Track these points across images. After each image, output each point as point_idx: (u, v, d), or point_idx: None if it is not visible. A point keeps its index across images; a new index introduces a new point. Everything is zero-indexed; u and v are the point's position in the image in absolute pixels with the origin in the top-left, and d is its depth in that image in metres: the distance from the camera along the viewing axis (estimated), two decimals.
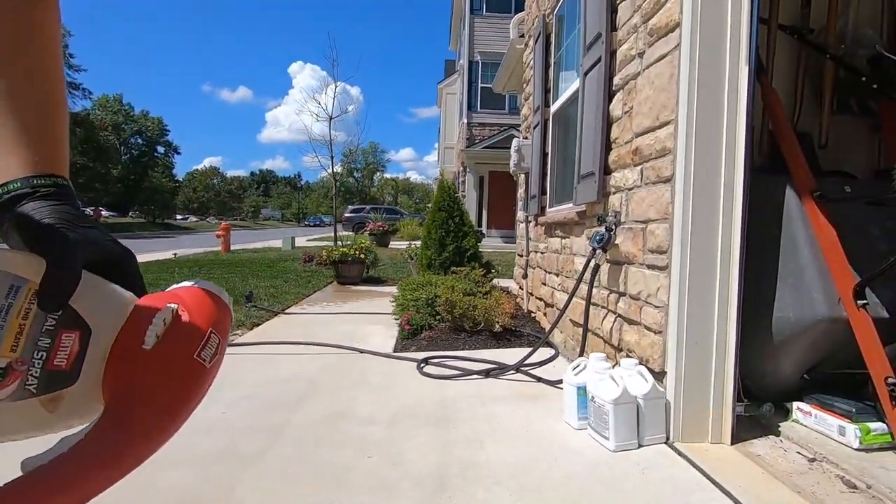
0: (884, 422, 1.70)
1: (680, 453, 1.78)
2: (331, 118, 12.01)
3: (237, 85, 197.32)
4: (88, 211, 36.49)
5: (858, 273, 1.75)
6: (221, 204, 67.48)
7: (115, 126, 46.31)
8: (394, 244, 13.93)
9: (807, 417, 1.89)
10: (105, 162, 33.49)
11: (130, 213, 50.50)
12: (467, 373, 2.69)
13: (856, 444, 1.70)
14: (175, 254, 11.24)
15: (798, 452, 1.76)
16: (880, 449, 1.70)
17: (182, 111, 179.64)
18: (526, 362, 2.78)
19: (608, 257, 2.50)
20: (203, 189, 66.30)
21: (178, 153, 58.32)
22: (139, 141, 50.63)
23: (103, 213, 42.08)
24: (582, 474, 1.64)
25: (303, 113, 12.72)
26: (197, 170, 71.06)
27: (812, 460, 1.70)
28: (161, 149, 52.87)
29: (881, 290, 1.80)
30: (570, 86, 3.48)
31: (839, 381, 1.96)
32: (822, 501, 1.46)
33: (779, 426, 1.91)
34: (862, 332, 1.71)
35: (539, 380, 2.62)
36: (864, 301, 1.72)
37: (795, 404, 1.95)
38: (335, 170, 12.86)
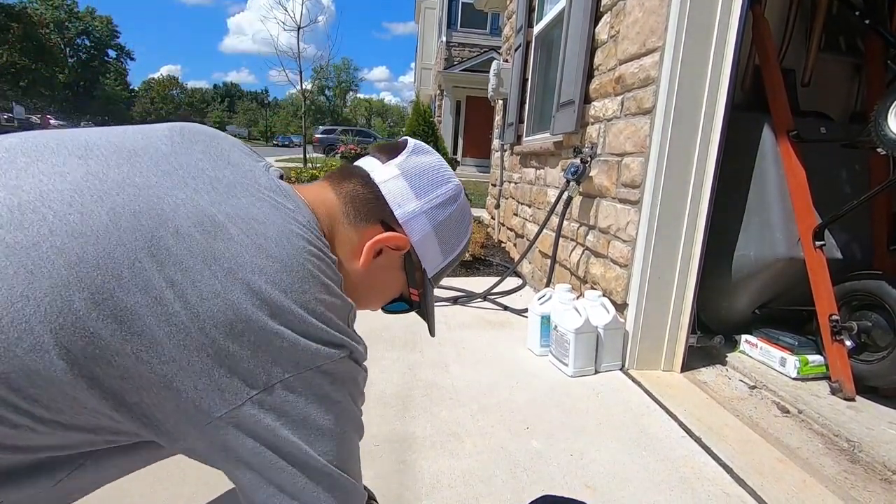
0: (822, 355, 1.82)
1: (633, 379, 1.88)
2: (299, 28, 11.15)
3: None
4: (35, 119, 33.84)
5: (822, 214, 1.79)
6: (182, 118, 63.54)
7: (58, 23, 41.84)
8: None
9: (753, 349, 2.01)
10: (49, 64, 30.54)
11: (83, 124, 47.15)
12: (435, 299, 2.72)
13: (794, 374, 1.82)
14: None
15: (741, 380, 1.88)
16: (815, 379, 1.83)
17: (132, 11, 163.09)
18: (493, 291, 2.83)
19: (581, 190, 2.48)
20: (161, 100, 62.00)
21: (132, 59, 53.82)
22: (86, 42, 46.13)
23: (52, 121, 39.13)
24: (541, 397, 1.72)
25: (268, 21, 11.75)
26: (153, 78, 66.04)
27: (752, 388, 1.82)
28: (112, 53, 48.50)
29: (839, 232, 1.86)
30: (555, 6, 3.27)
31: (786, 317, 2.07)
32: (756, 424, 1.59)
33: (726, 356, 2.03)
34: (815, 272, 1.78)
35: (505, 308, 2.68)
36: (822, 242, 1.77)
37: (744, 337, 2.07)
38: (305, 87, 12.13)
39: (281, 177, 0.63)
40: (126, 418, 0.45)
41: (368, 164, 0.65)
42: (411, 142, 0.67)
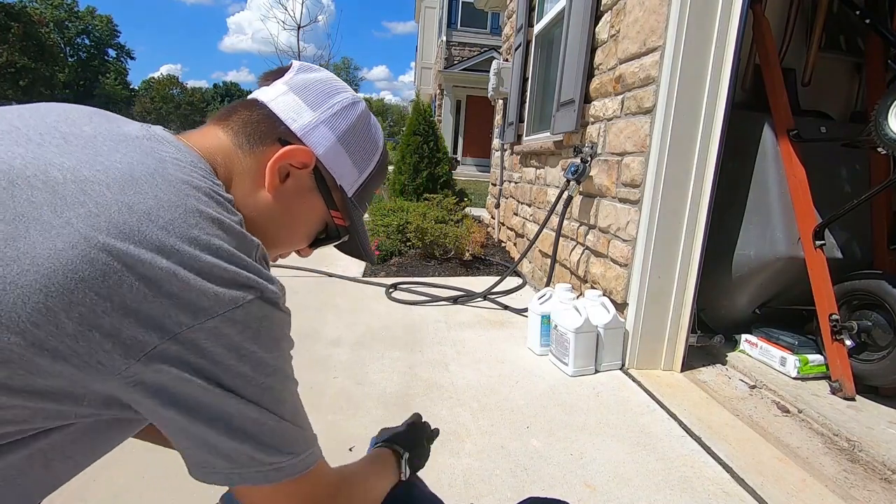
0: (822, 354, 1.82)
1: (633, 379, 1.88)
2: (299, 27, 11.14)
3: None
4: None
5: (822, 214, 1.79)
6: (183, 117, 63.40)
7: (58, 23, 41.85)
8: None
9: (753, 349, 2.01)
10: (49, 63, 30.55)
11: None
12: (435, 299, 2.72)
13: (794, 374, 1.82)
14: None
15: (741, 380, 1.88)
16: (815, 378, 1.83)
17: (132, 11, 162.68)
18: (493, 290, 2.83)
19: (581, 189, 2.48)
20: (161, 100, 61.88)
21: (132, 58, 53.80)
22: (86, 42, 46.12)
23: None
24: (541, 396, 1.72)
25: (268, 20, 11.75)
26: (153, 78, 65.87)
27: (752, 387, 1.82)
28: (112, 52, 48.49)
29: (838, 231, 1.86)
30: (555, 5, 3.26)
31: (786, 316, 2.07)
32: (756, 423, 1.58)
33: (726, 356, 2.03)
34: (815, 271, 1.78)
35: (506, 308, 2.68)
36: (822, 242, 1.77)
37: (744, 336, 2.07)
38: None
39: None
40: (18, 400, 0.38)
41: (254, 94, 0.61)
42: (297, 62, 0.63)
